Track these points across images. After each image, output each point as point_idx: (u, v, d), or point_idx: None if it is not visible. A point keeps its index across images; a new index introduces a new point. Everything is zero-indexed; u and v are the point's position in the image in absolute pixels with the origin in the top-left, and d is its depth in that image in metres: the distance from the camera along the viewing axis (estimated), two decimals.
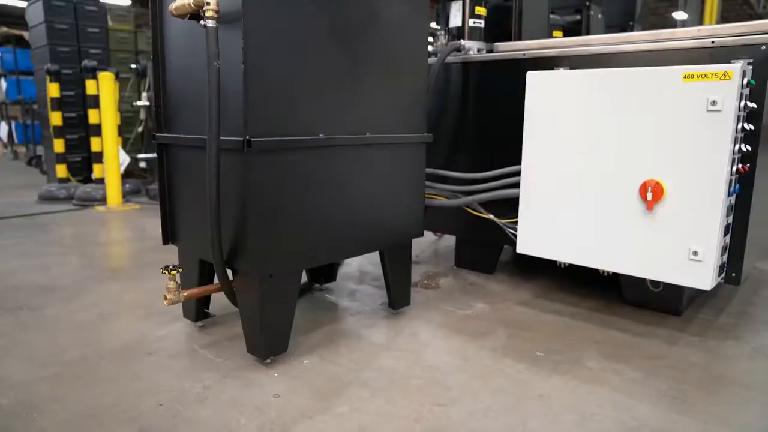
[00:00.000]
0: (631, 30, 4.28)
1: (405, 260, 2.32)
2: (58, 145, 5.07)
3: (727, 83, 1.83)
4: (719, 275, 2.04)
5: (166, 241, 2.15)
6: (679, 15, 19.99)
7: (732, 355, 1.98)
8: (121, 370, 1.82)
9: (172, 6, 1.73)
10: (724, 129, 1.85)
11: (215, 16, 1.58)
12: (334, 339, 2.09)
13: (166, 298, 1.86)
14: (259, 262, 1.73)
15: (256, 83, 1.63)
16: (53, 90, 4.97)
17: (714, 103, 1.85)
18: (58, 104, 5.01)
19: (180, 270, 1.90)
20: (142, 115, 5.48)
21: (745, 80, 1.89)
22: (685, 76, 1.91)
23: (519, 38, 3.03)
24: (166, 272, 1.85)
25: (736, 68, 1.81)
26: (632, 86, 2.03)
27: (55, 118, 5.02)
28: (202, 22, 1.57)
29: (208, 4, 1.56)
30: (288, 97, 1.73)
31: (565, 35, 3.55)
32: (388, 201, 2.15)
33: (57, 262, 3.12)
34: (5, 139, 9.34)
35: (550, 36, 3.44)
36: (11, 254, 3.30)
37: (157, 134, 2.05)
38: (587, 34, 3.70)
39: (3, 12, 20.64)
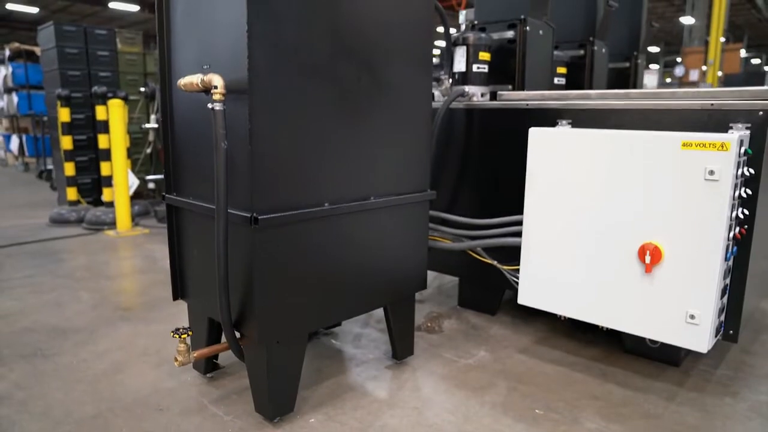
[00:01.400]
0: (636, 59, 4.31)
1: (408, 312, 2.37)
2: (69, 169, 5.16)
3: (725, 154, 1.86)
4: (717, 334, 2.09)
5: (176, 297, 2.21)
6: (687, 20, 19.96)
7: (729, 414, 2.02)
8: (134, 429, 1.88)
9: (181, 82, 1.79)
10: (721, 198, 1.89)
11: (222, 99, 1.63)
12: (339, 394, 2.14)
13: (176, 360, 1.93)
14: (266, 330, 1.79)
15: (263, 161, 1.69)
16: (64, 115, 5.06)
17: (711, 172, 1.89)
18: (69, 128, 5.09)
19: (190, 333, 1.96)
20: (151, 136, 5.55)
21: (743, 149, 1.92)
22: (684, 144, 1.95)
23: (523, 77, 3.07)
24: (177, 336, 1.91)
25: (733, 139, 1.85)
26: (632, 150, 2.07)
27: (66, 142, 5.10)
28: (210, 105, 1.63)
29: (216, 87, 1.62)
30: (294, 170, 1.79)
31: (569, 71, 3.59)
32: (392, 258, 2.21)
33: (69, 299, 3.19)
34: (16, 151, 9.46)
35: (555, 73, 3.48)
36: (26, 288, 3.37)
37: (167, 195, 2.11)
38: (591, 69, 3.73)
39: (12, 18, 20.93)
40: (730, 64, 16.47)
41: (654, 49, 29.45)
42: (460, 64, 2.90)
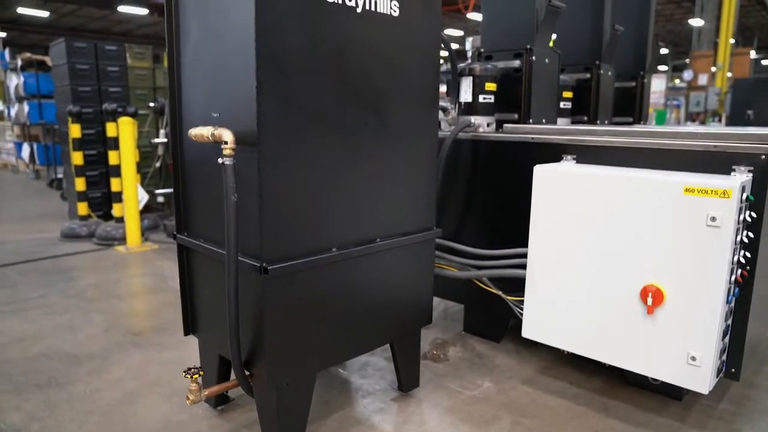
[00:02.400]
0: (642, 79, 4.32)
1: (414, 347, 2.42)
2: (80, 184, 5.24)
3: (726, 201, 1.89)
4: (718, 374, 2.11)
5: (187, 333, 2.26)
6: (696, 22, 19.85)
7: None
8: None
9: (192, 133, 1.83)
10: (722, 243, 1.92)
11: (233, 154, 1.68)
12: (346, 428, 2.19)
13: (188, 398, 1.98)
14: (276, 373, 1.84)
15: (272, 211, 1.73)
16: (75, 131, 5.13)
17: (713, 219, 1.91)
18: (80, 144, 5.17)
19: (201, 373, 2.01)
20: (160, 150, 5.62)
21: (744, 195, 1.95)
22: (686, 189, 1.97)
23: (528, 106, 3.09)
24: (188, 376, 1.97)
25: (734, 186, 1.88)
26: (634, 192, 2.10)
27: (77, 158, 5.18)
28: (220, 160, 1.68)
29: (226, 143, 1.67)
30: (303, 217, 1.83)
31: (574, 95, 3.61)
32: (398, 296, 2.25)
33: (81, 321, 3.26)
34: (27, 159, 9.58)
35: (561, 98, 3.50)
36: (39, 310, 3.44)
37: (178, 235, 2.16)
38: (597, 92, 3.75)
39: (22, 21, 21.11)
40: (739, 68, 16.37)
41: (662, 51, 29.29)
42: (466, 95, 2.94)
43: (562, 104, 3.55)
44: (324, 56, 1.81)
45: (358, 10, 1.88)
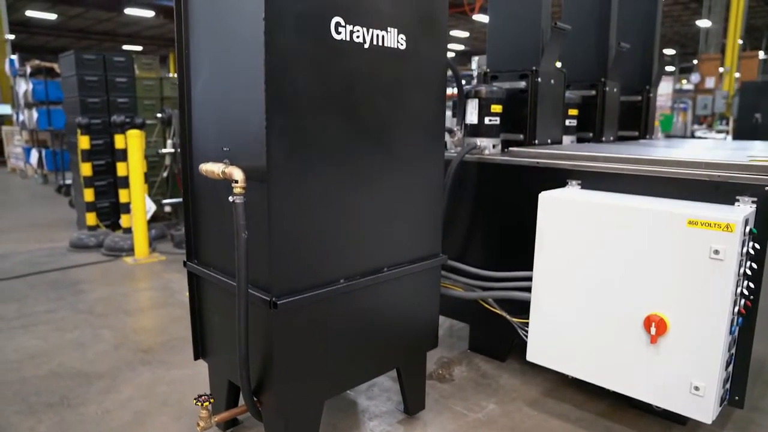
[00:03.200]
0: (648, 93, 4.33)
1: (419, 370, 2.45)
2: (88, 195, 5.29)
3: (730, 235, 1.91)
4: (722, 403, 2.13)
5: (197, 357, 2.30)
6: (703, 23, 19.77)
7: None
8: None
9: (203, 168, 1.87)
10: (725, 276, 1.93)
11: (243, 192, 1.71)
12: None
13: (199, 425, 2.01)
14: (284, 403, 1.87)
15: (282, 246, 1.77)
16: (83, 142, 5.18)
17: (716, 252, 1.93)
18: (88, 155, 5.22)
19: (212, 401, 2.05)
20: (168, 160, 5.67)
21: (748, 228, 1.97)
22: (690, 222, 1.99)
23: (534, 127, 3.11)
24: (199, 404, 2.00)
25: (738, 221, 1.89)
26: (638, 222, 2.12)
27: (86, 169, 5.23)
28: (231, 198, 1.71)
29: (237, 182, 1.70)
30: (312, 250, 1.87)
31: (580, 112, 3.62)
32: (405, 322, 2.28)
33: (91, 338, 3.30)
34: (35, 165, 9.68)
35: (566, 115, 3.51)
36: (49, 325, 3.49)
37: (188, 263, 2.20)
38: (603, 109, 3.75)
39: (30, 23, 21.26)
40: (747, 71, 16.30)
41: (669, 51, 29.17)
42: (472, 116, 2.96)
43: (567, 122, 3.56)
44: (332, 93, 1.84)
45: (366, 46, 1.91)
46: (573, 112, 3.60)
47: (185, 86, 2.05)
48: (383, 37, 1.96)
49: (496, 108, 2.95)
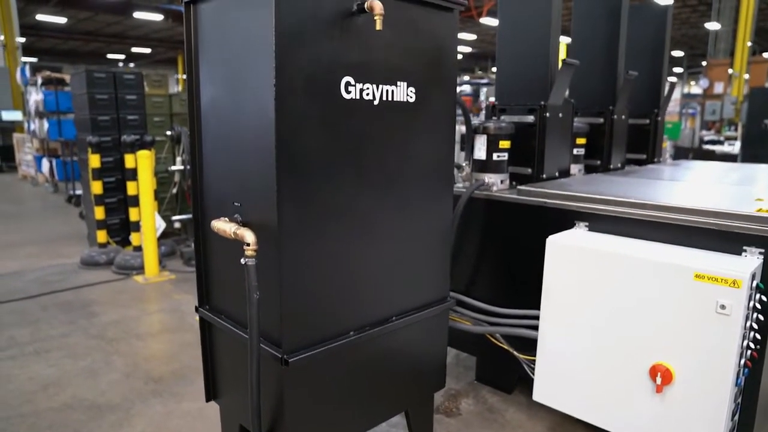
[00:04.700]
0: (656, 117, 4.32)
1: (427, 411, 2.47)
2: (99, 212, 5.35)
3: (736, 291, 1.92)
4: None
5: (208, 399, 2.33)
6: (712, 25, 19.62)
7: None
8: None
9: (214, 225, 1.90)
10: (732, 330, 1.95)
11: (255, 254, 1.74)
12: None
13: None
14: None
15: (292, 304, 1.80)
16: (94, 161, 5.24)
17: (723, 306, 1.94)
18: (99, 174, 5.28)
19: None
20: (177, 177, 5.72)
21: (755, 283, 1.98)
22: (696, 276, 2.00)
23: (542, 161, 3.12)
24: None
25: (745, 277, 1.91)
26: (645, 272, 2.13)
27: (96, 187, 5.29)
28: (243, 261, 1.74)
29: (248, 245, 1.73)
30: (322, 305, 1.90)
31: (588, 142, 3.63)
32: (413, 366, 2.31)
33: (103, 365, 3.35)
34: (46, 173, 9.78)
35: (574, 144, 3.52)
36: (62, 351, 3.55)
37: (199, 308, 2.23)
38: (611, 138, 3.76)
39: (40, 26, 21.42)
40: (757, 77, 16.17)
41: (678, 53, 28.99)
42: (480, 152, 2.98)
43: (575, 150, 3.57)
44: (342, 151, 1.87)
45: (375, 102, 1.93)
46: (581, 141, 3.60)
47: (197, 140, 2.08)
48: (393, 91, 1.98)
49: (504, 144, 2.96)
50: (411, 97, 2.06)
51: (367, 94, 1.90)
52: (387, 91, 1.96)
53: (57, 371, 3.29)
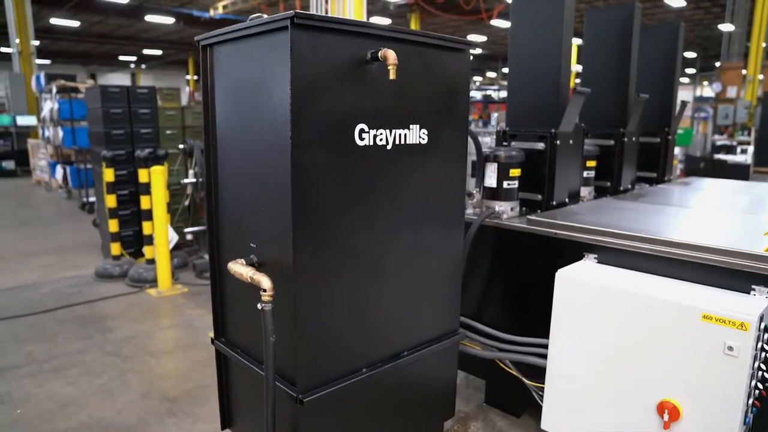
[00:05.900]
0: (667, 135, 4.33)
1: None
2: (113, 225, 5.44)
3: (744, 333, 1.94)
4: None
5: (224, 427, 2.39)
6: (726, 27, 19.44)
7: None
8: None
9: (231, 268, 1.95)
10: (740, 372, 1.97)
11: (271, 299, 1.79)
12: None
13: None
14: None
15: (307, 345, 1.85)
16: (108, 175, 5.33)
17: (731, 348, 1.97)
18: (113, 187, 5.36)
19: None
20: (189, 190, 5.79)
21: (763, 325, 2.00)
22: (704, 317, 2.03)
23: (552, 188, 3.14)
24: None
25: (752, 320, 1.93)
26: (653, 311, 2.16)
27: (110, 201, 5.38)
28: (259, 306, 1.79)
29: (265, 291, 1.78)
30: (335, 345, 1.94)
31: (598, 164, 3.64)
32: (423, 397, 2.35)
33: (118, 384, 3.42)
34: (60, 180, 9.92)
35: (584, 167, 3.54)
36: (78, 368, 3.63)
37: (215, 341, 2.29)
38: (621, 160, 3.78)
39: (54, 30, 21.65)
40: None
41: (690, 55, 28.75)
42: (490, 180, 3.01)
43: (585, 173, 3.59)
44: (356, 195, 1.91)
45: (389, 147, 1.97)
46: (591, 163, 3.62)
47: (213, 180, 2.13)
48: (405, 135, 2.02)
49: (515, 172, 2.99)
50: (423, 139, 2.10)
51: (381, 140, 1.94)
52: (400, 135, 2.00)
53: (75, 390, 3.37)
